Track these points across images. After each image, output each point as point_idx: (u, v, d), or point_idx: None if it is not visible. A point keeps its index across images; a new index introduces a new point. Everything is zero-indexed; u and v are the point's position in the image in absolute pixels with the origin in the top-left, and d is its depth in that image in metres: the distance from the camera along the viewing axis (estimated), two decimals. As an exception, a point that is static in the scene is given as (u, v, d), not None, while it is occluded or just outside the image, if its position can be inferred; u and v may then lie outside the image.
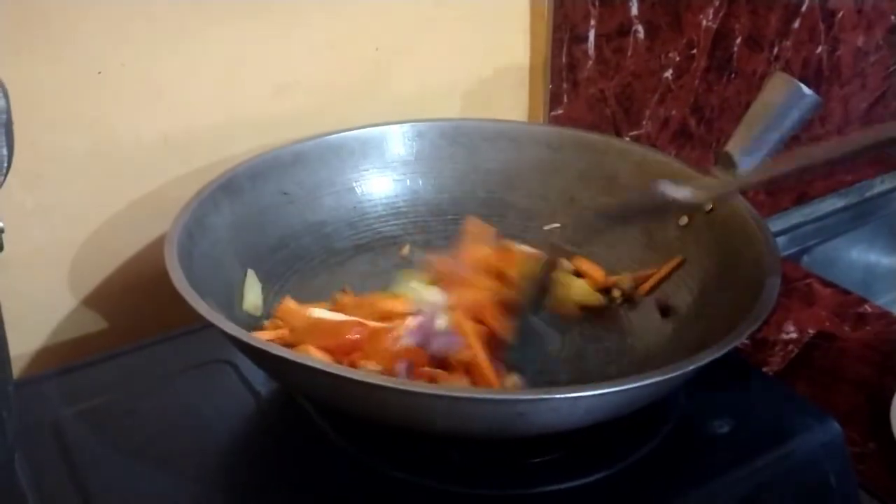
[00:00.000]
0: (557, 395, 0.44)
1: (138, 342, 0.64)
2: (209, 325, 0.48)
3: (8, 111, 0.42)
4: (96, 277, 0.69)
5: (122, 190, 0.67)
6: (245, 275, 0.62)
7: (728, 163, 0.63)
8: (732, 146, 0.63)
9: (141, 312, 0.70)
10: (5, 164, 0.43)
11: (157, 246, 0.68)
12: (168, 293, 0.50)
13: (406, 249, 0.71)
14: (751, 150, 0.63)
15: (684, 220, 0.66)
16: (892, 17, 1.11)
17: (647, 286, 0.66)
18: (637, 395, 0.48)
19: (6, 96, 0.42)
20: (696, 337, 0.58)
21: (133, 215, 0.68)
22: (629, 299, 0.66)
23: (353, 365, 0.54)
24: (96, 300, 0.69)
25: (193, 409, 0.58)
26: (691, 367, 0.46)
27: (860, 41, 1.09)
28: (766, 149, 0.62)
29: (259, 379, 0.59)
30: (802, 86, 0.60)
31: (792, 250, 1.12)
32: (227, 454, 0.55)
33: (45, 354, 0.69)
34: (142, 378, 0.60)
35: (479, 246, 0.64)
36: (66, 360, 0.63)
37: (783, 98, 0.61)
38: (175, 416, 0.57)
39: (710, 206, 0.64)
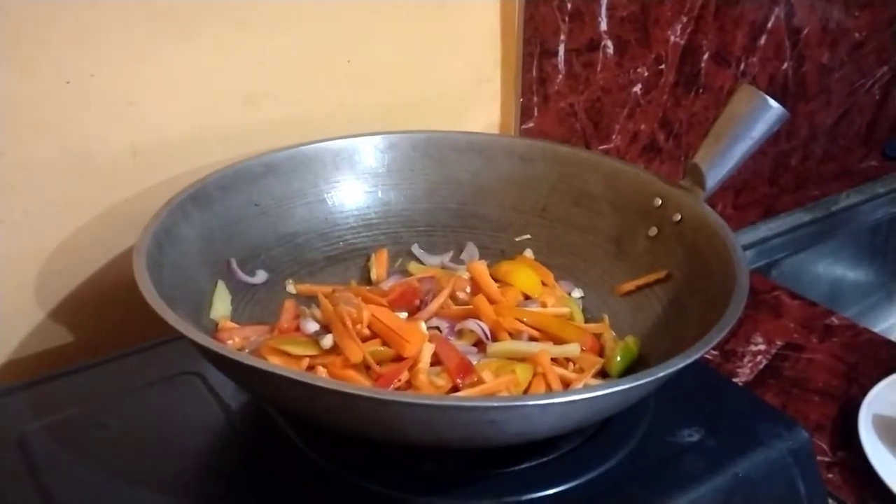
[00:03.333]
0: (528, 402, 0.45)
1: (106, 355, 0.63)
2: (177, 337, 0.48)
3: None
4: (64, 289, 0.68)
5: (90, 201, 0.66)
6: (215, 285, 0.62)
7: (697, 175, 0.64)
8: (700, 158, 0.64)
9: (108, 325, 0.69)
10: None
11: (124, 258, 0.68)
12: (136, 305, 0.49)
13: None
14: (718, 161, 0.63)
15: (654, 231, 0.66)
16: (856, 35, 1.13)
17: (624, 289, 0.66)
18: (606, 403, 0.48)
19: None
20: (664, 346, 0.58)
21: (101, 226, 0.67)
22: None
23: None
24: (63, 312, 0.68)
25: (162, 422, 0.57)
26: (660, 375, 0.46)
27: (825, 58, 1.11)
28: (734, 160, 0.63)
29: (228, 391, 0.59)
30: (769, 98, 0.61)
31: (760, 263, 1.13)
32: (196, 467, 0.54)
33: (11, 367, 0.67)
34: (109, 391, 0.60)
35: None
36: (32, 373, 0.62)
37: (750, 110, 0.62)
38: (143, 429, 0.56)
39: (678, 217, 0.65)
